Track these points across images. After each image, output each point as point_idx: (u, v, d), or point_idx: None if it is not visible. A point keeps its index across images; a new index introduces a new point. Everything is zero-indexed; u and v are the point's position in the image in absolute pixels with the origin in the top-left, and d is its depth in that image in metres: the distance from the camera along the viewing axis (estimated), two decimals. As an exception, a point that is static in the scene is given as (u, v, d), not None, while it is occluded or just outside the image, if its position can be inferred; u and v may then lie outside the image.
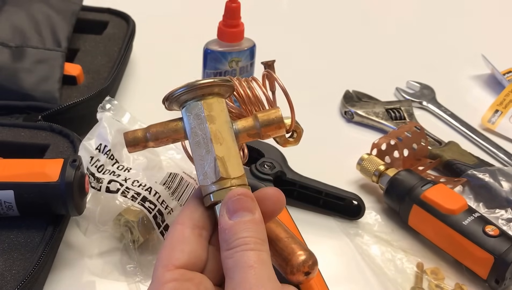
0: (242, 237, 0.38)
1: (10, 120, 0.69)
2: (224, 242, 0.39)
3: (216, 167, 0.41)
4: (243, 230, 0.39)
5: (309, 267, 0.43)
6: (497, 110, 0.84)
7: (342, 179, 0.70)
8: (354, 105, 0.83)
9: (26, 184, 0.54)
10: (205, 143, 0.42)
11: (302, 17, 1.13)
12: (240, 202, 0.40)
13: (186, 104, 0.43)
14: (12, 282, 0.50)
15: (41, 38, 0.77)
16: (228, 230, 0.39)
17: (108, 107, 0.65)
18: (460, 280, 0.59)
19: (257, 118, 0.44)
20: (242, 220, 0.39)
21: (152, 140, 0.44)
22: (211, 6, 0.83)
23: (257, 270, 0.37)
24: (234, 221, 0.39)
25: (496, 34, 1.11)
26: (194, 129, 0.43)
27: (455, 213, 0.60)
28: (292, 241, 0.44)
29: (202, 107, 0.43)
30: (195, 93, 0.43)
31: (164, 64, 0.92)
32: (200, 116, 0.43)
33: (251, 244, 0.38)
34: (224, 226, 0.39)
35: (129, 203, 0.57)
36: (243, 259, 0.37)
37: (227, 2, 0.72)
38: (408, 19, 1.15)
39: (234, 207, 0.40)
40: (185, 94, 0.43)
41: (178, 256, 0.39)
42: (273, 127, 0.44)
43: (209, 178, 0.42)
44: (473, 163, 0.73)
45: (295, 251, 0.43)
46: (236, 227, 0.39)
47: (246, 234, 0.38)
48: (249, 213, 0.40)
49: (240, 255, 0.38)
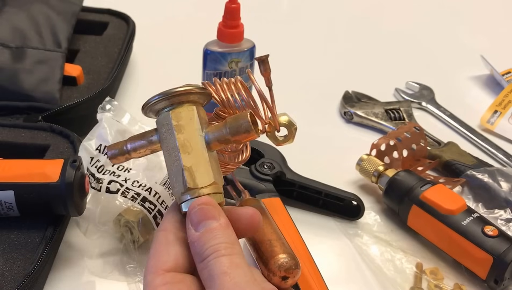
0: (212, 246, 0.38)
1: (10, 121, 0.69)
2: (196, 255, 0.39)
3: (183, 177, 0.41)
4: (211, 239, 0.38)
5: (286, 271, 0.42)
6: (496, 111, 0.84)
7: (341, 180, 0.70)
8: (353, 106, 0.83)
9: (26, 185, 0.54)
10: (174, 153, 0.42)
11: (302, 18, 1.13)
12: (202, 212, 0.40)
13: (159, 113, 0.43)
14: (12, 282, 0.50)
15: (41, 39, 0.77)
16: (197, 242, 0.39)
17: (108, 108, 0.65)
18: (459, 280, 0.59)
19: (226, 124, 0.42)
20: (208, 229, 0.39)
21: (132, 151, 0.44)
22: (211, 7, 0.83)
23: (232, 275, 0.37)
24: (201, 232, 0.39)
25: (495, 35, 1.11)
26: (164, 140, 0.43)
27: (454, 214, 0.60)
28: (274, 244, 0.43)
29: (171, 117, 0.42)
30: (168, 102, 0.42)
31: (164, 65, 0.92)
32: (169, 126, 0.42)
33: (222, 250, 0.38)
34: (192, 239, 0.39)
35: (129, 204, 0.57)
36: (216, 266, 0.37)
37: (227, 3, 0.72)
38: (408, 20, 1.15)
39: (198, 218, 0.39)
40: (158, 103, 0.42)
41: (165, 260, 0.39)
42: (243, 136, 0.42)
43: (178, 188, 0.41)
44: (472, 163, 0.73)
45: (274, 254, 0.42)
46: (203, 237, 0.39)
47: (214, 241, 0.38)
48: (214, 220, 0.39)
49: (213, 263, 0.37)
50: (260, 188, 0.63)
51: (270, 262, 0.42)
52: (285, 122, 0.48)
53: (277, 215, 0.60)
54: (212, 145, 0.42)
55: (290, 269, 0.42)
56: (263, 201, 0.53)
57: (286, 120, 0.49)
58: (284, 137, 0.49)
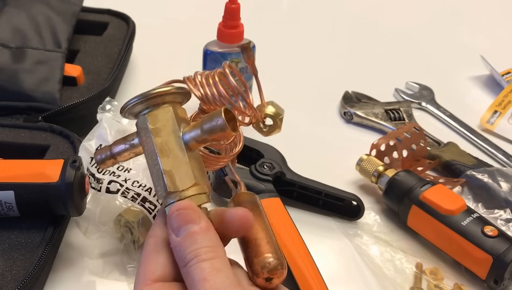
0: (192, 251, 0.37)
1: (10, 121, 0.69)
2: (179, 260, 0.38)
3: (164, 181, 0.40)
4: (191, 243, 0.38)
5: (270, 272, 0.39)
6: (496, 111, 0.84)
7: (341, 180, 0.70)
8: (353, 106, 0.83)
9: (26, 185, 0.54)
10: (153, 157, 0.41)
11: (302, 18, 1.13)
12: (181, 216, 0.39)
13: (138, 116, 0.42)
14: (12, 282, 0.51)
15: (41, 39, 0.77)
16: (178, 247, 0.38)
17: (108, 108, 0.65)
18: (459, 280, 0.59)
19: (202, 123, 0.41)
20: (188, 234, 0.38)
21: (117, 155, 0.44)
22: (211, 7, 0.83)
23: (211, 282, 0.36)
24: (181, 237, 0.38)
25: (495, 35, 1.11)
26: (143, 144, 0.42)
27: (454, 214, 0.60)
28: (260, 243, 0.41)
29: (147, 120, 0.41)
30: (144, 105, 0.41)
31: (164, 65, 0.92)
32: (147, 130, 0.41)
33: (202, 255, 0.37)
34: (173, 244, 0.39)
35: (129, 204, 0.57)
36: (197, 272, 0.37)
37: (227, 3, 0.72)
38: (408, 20, 1.16)
39: (177, 223, 0.39)
40: (135, 106, 0.42)
41: (153, 269, 0.39)
42: (218, 132, 0.40)
43: (161, 192, 0.41)
44: (472, 163, 0.73)
45: (259, 254, 0.40)
46: (184, 242, 0.38)
47: (195, 246, 0.38)
48: (193, 224, 0.39)
49: (194, 269, 0.37)
50: (260, 188, 0.63)
51: (254, 262, 0.40)
52: (270, 113, 0.48)
53: (277, 215, 0.60)
54: (191, 146, 0.41)
55: (274, 269, 0.40)
56: (263, 201, 0.53)
57: (271, 111, 0.47)
58: (269, 127, 0.48)
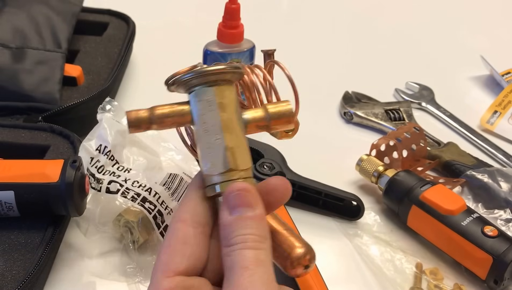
0: (241, 235, 0.37)
1: (10, 121, 0.69)
2: (224, 239, 0.38)
3: (225, 157, 0.39)
4: (242, 227, 0.37)
5: (309, 260, 0.42)
6: (496, 111, 0.84)
7: (341, 180, 0.70)
8: (353, 106, 0.83)
9: (26, 185, 0.54)
10: (215, 131, 0.40)
11: (302, 18, 1.13)
12: (241, 197, 0.38)
13: (195, 89, 0.41)
14: (12, 283, 0.51)
15: (42, 39, 0.77)
16: (228, 226, 0.38)
17: (108, 108, 0.65)
18: (459, 281, 0.59)
19: (267, 110, 0.42)
20: (242, 216, 0.38)
21: (157, 122, 0.42)
22: (211, 7, 0.83)
23: (251, 272, 0.36)
24: (234, 217, 0.38)
25: (495, 35, 1.11)
26: (203, 116, 0.41)
27: (454, 214, 0.60)
28: (290, 234, 0.43)
29: (214, 93, 0.41)
30: (207, 79, 0.41)
31: (164, 65, 0.91)
32: (212, 102, 0.41)
33: (249, 242, 0.37)
34: (224, 221, 0.38)
35: (129, 204, 0.57)
36: (239, 259, 0.36)
37: (227, 3, 0.72)
38: (408, 20, 1.16)
39: (235, 202, 0.38)
40: (196, 78, 0.41)
41: (178, 261, 0.37)
42: (283, 121, 0.42)
43: (216, 168, 0.40)
44: (472, 163, 0.73)
45: (294, 244, 0.42)
46: (235, 223, 0.37)
47: (245, 231, 0.37)
48: (250, 208, 0.38)
49: (237, 254, 0.36)
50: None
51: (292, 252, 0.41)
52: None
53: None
54: (248, 129, 0.42)
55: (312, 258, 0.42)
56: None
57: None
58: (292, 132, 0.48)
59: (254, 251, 0.37)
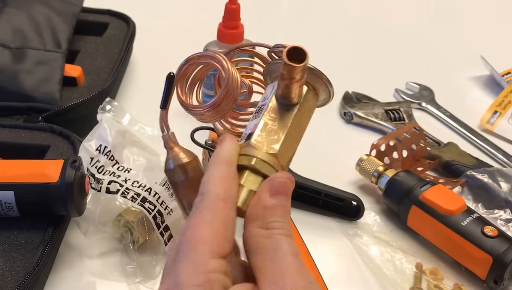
0: (281, 221, 0.36)
1: (10, 121, 0.69)
2: (260, 219, 0.36)
3: (282, 142, 0.40)
4: (281, 215, 0.37)
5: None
6: (496, 111, 0.84)
7: (341, 180, 0.70)
8: (353, 106, 0.83)
9: (26, 185, 0.54)
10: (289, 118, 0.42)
11: (302, 18, 1.13)
12: (285, 185, 0.38)
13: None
14: (12, 283, 0.51)
15: (42, 39, 0.77)
16: (269, 208, 0.37)
17: (108, 108, 0.65)
18: (459, 281, 0.59)
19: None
20: (282, 204, 0.37)
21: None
22: (211, 7, 0.83)
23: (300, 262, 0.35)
24: (275, 202, 0.37)
25: (495, 35, 1.11)
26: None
27: (454, 214, 0.60)
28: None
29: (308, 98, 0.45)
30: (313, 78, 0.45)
31: (164, 66, 0.91)
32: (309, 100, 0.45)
33: (287, 231, 0.36)
34: (264, 202, 0.37)
35: (129, 204, 0.57)
36: (286, 245, 0.35)
37: (227, 3, 0.72)
38: (408, 21, 1.16)
39: (279, 188, 0.38)
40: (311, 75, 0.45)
41: (222, 244, 0.35)
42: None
43: (266, 145, 0.39)
44: (472, 164, 0.73)
45: None
46: (276, 208, 0.37)
47: (283, 219, 0.37)
48: (287, 200, 0.38)
49: (279, 238, 0.36)
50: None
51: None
52: None
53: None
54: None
55: None
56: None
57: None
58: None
59: (292, 243, 0.36)
